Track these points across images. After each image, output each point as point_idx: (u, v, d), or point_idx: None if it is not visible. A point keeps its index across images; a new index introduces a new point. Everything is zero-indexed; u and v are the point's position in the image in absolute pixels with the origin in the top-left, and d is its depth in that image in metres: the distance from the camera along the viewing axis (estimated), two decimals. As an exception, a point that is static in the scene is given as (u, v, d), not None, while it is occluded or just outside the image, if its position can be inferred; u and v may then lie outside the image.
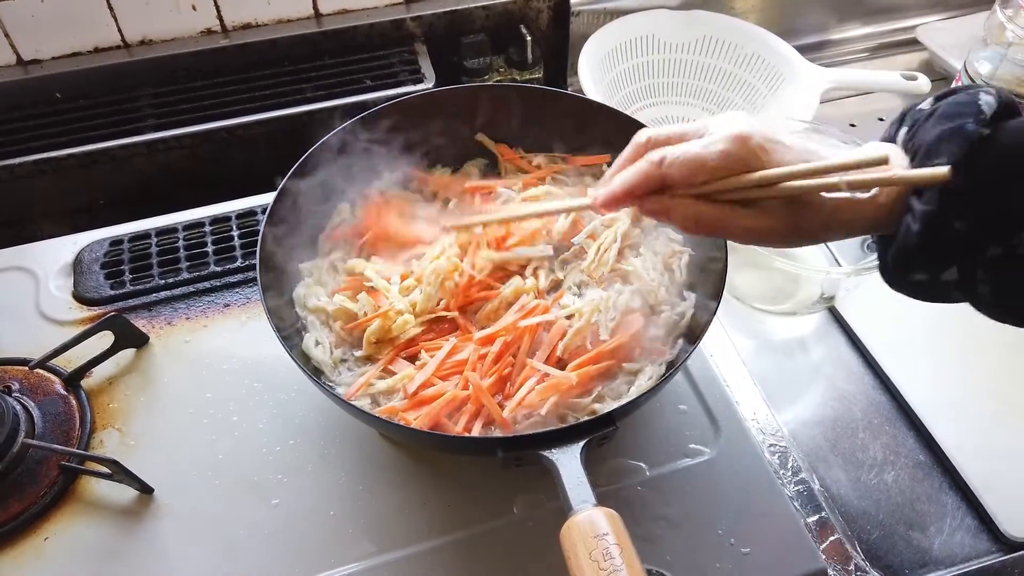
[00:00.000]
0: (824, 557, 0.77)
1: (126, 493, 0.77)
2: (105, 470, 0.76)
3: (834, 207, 0.56)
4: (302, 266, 0.84)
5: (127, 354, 0.89)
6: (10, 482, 0.77)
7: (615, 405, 0.71)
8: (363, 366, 0.78)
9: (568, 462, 0.61)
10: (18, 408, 0.81)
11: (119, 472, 0.75)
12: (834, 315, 1.03)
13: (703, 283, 0.80)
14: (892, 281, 0.57)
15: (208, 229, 1.03)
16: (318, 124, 1.09)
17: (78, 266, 0.98)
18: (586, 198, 0.66)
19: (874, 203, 0.55)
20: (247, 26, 1.19)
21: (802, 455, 0.87)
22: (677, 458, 0.80)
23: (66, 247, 1.01)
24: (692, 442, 0.82)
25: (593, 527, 0.55)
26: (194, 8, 1.15)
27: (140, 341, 0.90)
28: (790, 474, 0.85)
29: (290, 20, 1.20)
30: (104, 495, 0.78)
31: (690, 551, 0.74)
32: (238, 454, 0.81)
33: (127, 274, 0.98)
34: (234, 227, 1.03)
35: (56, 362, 0.86)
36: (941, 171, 0.49)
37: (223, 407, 0.84)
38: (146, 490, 0.77)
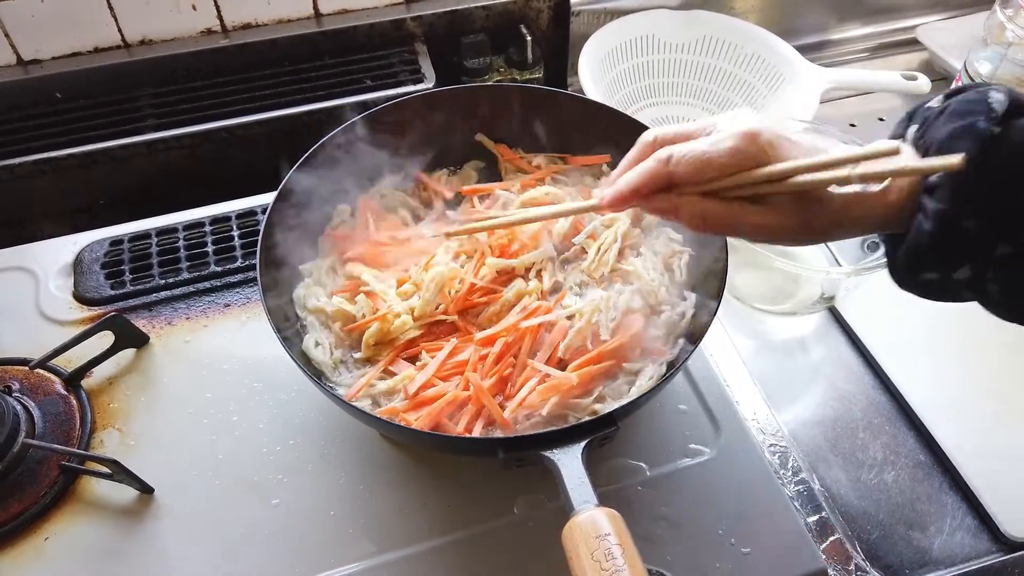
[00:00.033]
0: (824, 557, 0.77)
1: (126, 493, 0.78)
2: (105, 470, 0.76)
3: (844, 203, 0.55)
4: (302, 267, 0.84)
5: (127, 354, 0.89)
6: (10, 482, 0.77)
7: (616, 405, 0.71)
8: (363, 367, 0.78)
9: (569, 462, 0.61)
10: (18, 408, 0.81)
11: (119, 472, 0.75)
12: (834, 315, 1.03)
13: (703, 283, 0.80)
14: (902, 281, 0.57)
15: (208, 229, 1.03)
16: (318, 124, 1.09)
17: (78, 266, 0.98)
18: (592, 200, 0.66)
19: (884, 200, 0.55)
20: (247, 26, 1.19)
21: (802, 455, 0.87)
22: (677, 458, 0.80)
23: (66, 247, 1.01)
24: (692, 442, 0.82)
25: (595, 527, 0.55)
26: (194, 8, 1.15)
27: (140, 341, 0.90)
28: (790, 474, 0.85)
29: (290, 20, 1.20)
30: (104, 495, 0.78)
31: (690, 551, 0.74)
32: (238, 454, 0.81)
33: (127, 274, 0.98)
34: (234, 227, 1.03)
35: (56, 362, 0.86)
36: (954, 159, 0.48)
37: (223, 407, 0.84)
38: (146, 490, 0.78)
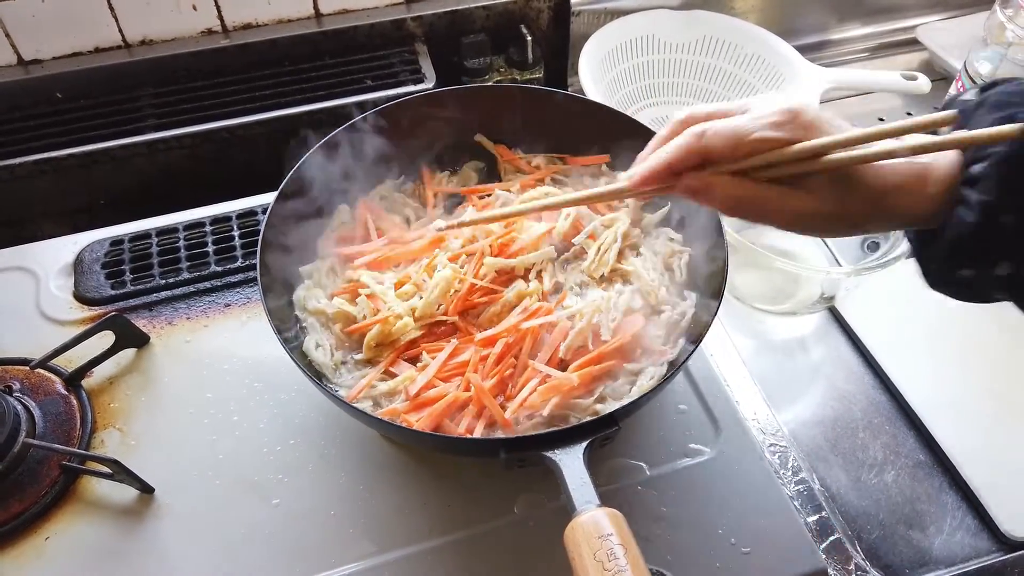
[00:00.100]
0: (824, 557, 0.77)
1: (127, 493, 0.78)
2: (106, 470, 0.76)
3: (883, 191, 0.54)
4: (302, 269, 0.84)
5: (128, 354, 0.89)
6: (11, 482, 0.77)
7: (617, 405, 0.71)
8: (363, 368, 0.78)
9: (571, 463, 0.61)
10: (19, 408, 0.81)
11: (120, 472, 0.75)
12: (834, 315, 1.03)
13: (703, 283, 0.80)
14: (935, 279, 0.56)
15: (209, 229, 1.03)
16: (318, 124, 1.09)
17: (79, 266, 0.98)
18: (618, 183, 0.62)
19: (923, 191, 0.54)
20: (247, 26, 1.19)
21: (802, 455, 0.87)
22: (677, 458, 0.80)
23: (67, 247, 1.01)
24: (692, 442, 0.82)
25: (597, 527, 0.55)
26: (195, 8, 1.15)
27: (141, 341, 0.90)
28: (790, 474, 0.85)
29: (290, 20, 1.20)
30: (105, 495, 0.78)
31: (690, 551, 0.74)
32: (238, 454, 0.81)
33: (128, 274, 0.98)
34: (235, 227, 1.03)
35: (57, 362, 0.86)
36: (1012, 128, 0.47)
37: (224, 407, 0.84)
38: (147, 490, 0.78)
